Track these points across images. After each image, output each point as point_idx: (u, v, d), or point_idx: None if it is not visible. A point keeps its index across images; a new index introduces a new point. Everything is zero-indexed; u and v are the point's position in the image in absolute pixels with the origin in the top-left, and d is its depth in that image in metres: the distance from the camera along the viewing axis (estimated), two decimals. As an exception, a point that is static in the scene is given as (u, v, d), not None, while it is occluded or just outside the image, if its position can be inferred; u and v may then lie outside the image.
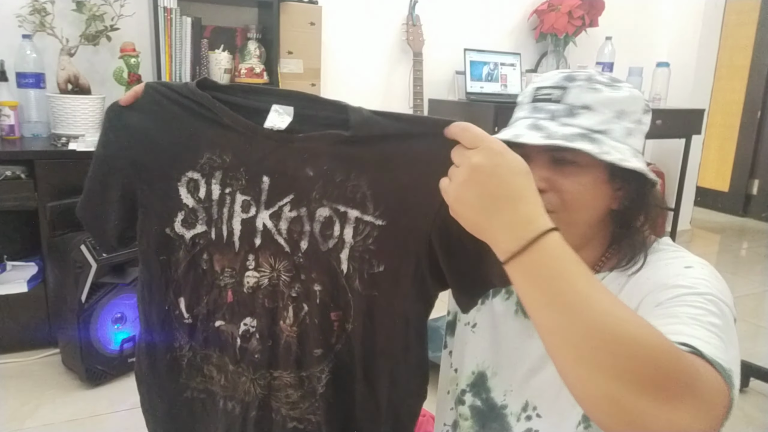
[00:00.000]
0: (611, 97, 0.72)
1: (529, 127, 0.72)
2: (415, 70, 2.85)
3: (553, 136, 0.70)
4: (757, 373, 2.01)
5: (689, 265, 0.70)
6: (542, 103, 0.74)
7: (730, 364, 0.55)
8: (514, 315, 0.84)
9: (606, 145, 0.70)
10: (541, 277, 0.52)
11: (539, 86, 0.76)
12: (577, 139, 0.69)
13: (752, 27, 4.54)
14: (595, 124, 0.71)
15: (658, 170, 3.79)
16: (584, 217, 0.74)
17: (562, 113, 0.72)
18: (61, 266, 1.82)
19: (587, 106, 0.72)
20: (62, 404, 1.75)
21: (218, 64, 2.41)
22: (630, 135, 0.73)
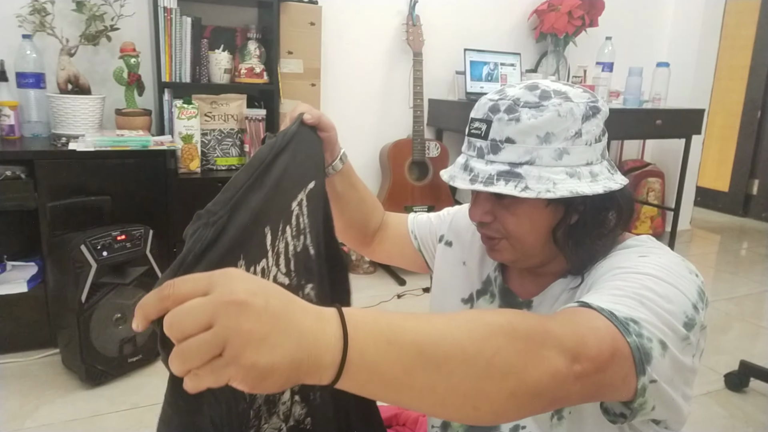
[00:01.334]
0: (532, 125, 0.69)
1: (461, 167, 0.75)
2: (415, 70, 2.85)
3: (476, 179, 0.71)
4: (757, 373, 2.01)
5: (644, 254, 0.70)
6: (473, 138, 0.74)
7: (633, 314, 0.57)
8: None
9: (530, 177, 0.69)
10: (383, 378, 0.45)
11: (473, 116, 0.75)
12: (500, 179, 0.70)
13: (752, 27, 4.54)
14: (519, 156, 0.70)
15: (658, 170, 3.79)
16: (531, 240, 0.75)
17: (486, 150, 0.72)
18: (61, 266, 1.82)
19: (509, 138, 0.70)
20: (62, 404, 1.75)
21: (218, 64, 2.41)
22: (564, 154, 0.70)
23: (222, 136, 2.41)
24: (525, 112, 0.70)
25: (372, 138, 3.05)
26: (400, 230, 1.03)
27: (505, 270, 0.88)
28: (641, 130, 3.13)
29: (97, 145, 1.98)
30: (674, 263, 0.68)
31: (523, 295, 0.84)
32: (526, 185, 0.69)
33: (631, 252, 0.72)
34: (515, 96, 0.72)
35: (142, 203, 2.07)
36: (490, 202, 0.76)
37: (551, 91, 0.72)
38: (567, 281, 0.79)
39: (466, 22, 3.15)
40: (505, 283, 0.87)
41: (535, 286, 0.82)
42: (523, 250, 0.76)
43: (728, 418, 1.85)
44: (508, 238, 0.76)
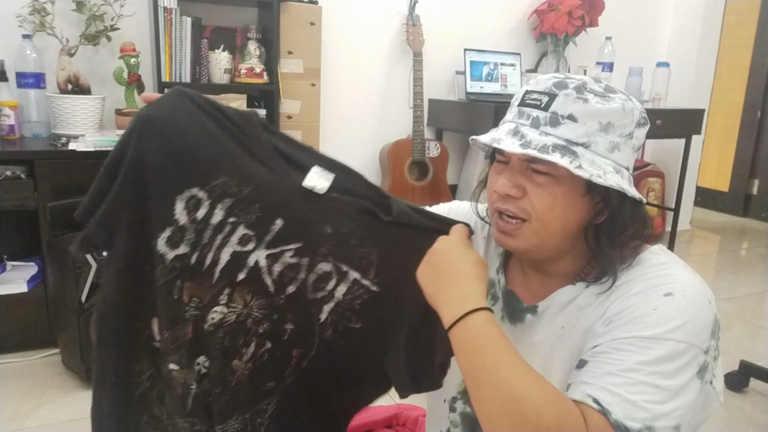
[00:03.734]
0: (599, 109, 0.70)
1: (510, 133, 0.71)
2: (415, 70, 2.85)
3: (529, 145, 0.69)
4: (757, 373, 2.01)
5: (669, 292, 0.67)
6: (528, 108, 0.72)
7: (654, 421, 0.60)
8: (500, 321, 0.84)
9: (584, 159, 0.68)
10: (465, 348, 0.65)
11: (530, 89, 0.74)
12: (555, 151, 0.68)
13: (752, 27, 4.54)
14: (578, 135, 0.69)
15: (658, 170, 3.79)
16: (556, 227, 0.72)
17: (544, 121, 0.70)
18: (61, 266, 1.82)
19: (572, 116, 0.69)
20: (62, 404, 1.75)
21: (218, 64, 2.41)
22: (615, 149, 0.71)
23: (222, 136, 2.41)
24: (591, 96, 0.70)
25: (372, 138, 3.05)
26: None
27: (509, 272, 0.87)
28: (641, 130, 3.12)
29: (97, 145, 1.98)
30: (697, 300, 0.67)
31: (528, 299, 0.82)
32: (581, 164, 0.68)
33: (656, 281, 0.70)
34: (582, 80, 0.72)
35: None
36: (524, 176, 0.72)
37: (616, 89, 0.73)
38: (575, 290, 0.77)
39: (466, 22, 3.15)
40: (509, 285, 0.85)
41: (541, 290, 0.81)
42: (543, 239, 0.73)
43: (728, 418, 1.85)
44: (533, 220, 0.72)
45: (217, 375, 0.73)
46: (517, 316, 0.82)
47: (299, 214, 0.71)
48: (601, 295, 0.73)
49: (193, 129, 0.70)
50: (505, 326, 0.83)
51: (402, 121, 3.05)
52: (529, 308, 0.81)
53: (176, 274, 0.71)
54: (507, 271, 0.87)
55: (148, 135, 0.70)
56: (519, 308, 0.82)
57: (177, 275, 0.71)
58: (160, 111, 0.71)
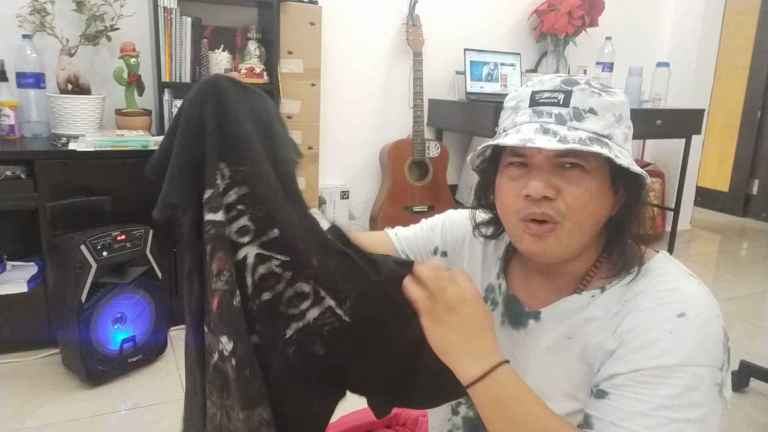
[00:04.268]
0: (612, 102, 0.71)
1: (539, 131, 0.69)
2: (415, 70, 2.85)
3: (566, 140, 0.67)
4: (757, 373, 2.01)
5: (682, 313, 0.66)
6: (545, 107, 0.71)
7: None
8: (500, 326, 0.83)
9: (615, 149, 0.69)
10: (492, 401, 0.65)
11: (538, 90, 0.73)
12: (592, 142, 0.68)
13: (752, 27, 4.54)
14: (602, 128, 0.70)
15: (658, 170, 3.79)
16: (590, 224, 0.71)
17: (569, 117, 0.70)
18: (61, 266, 1.82)
19: (593, 109, 0.70)
20: (62, 404, 1.75)
21: (218, 64, 2.41)
22: (626, 140, 0.73)
23: (222, 136, 2.41)
24: (599, 91, 0.71)
25: (372, 138, 3.05)
26: None
27: (510, 276, 0.85)
28: (641, 130, 3.12)
29: (97, 145, 1.98)
30: (709, 319, 0.67)
31: (530, 304, 0.80)
32: (616, 154, 0.68)
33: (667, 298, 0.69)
34: (584, 77, 0.73)
35: (142, 203, 2.07)
36: (555, 175, 0.70)
37: (607, 83, 0.74)
38: (581, 300, 0.75)
39: (466, 22, 3.15)
40: (510, 289, 0.83)
41: (544, 294, 0.79)
42: (575, 238, 0.71)
43: (728, 418, 1.85)
44: (566, 221, 0.70)
45: None
46: (519, 320, 0.81)
47: (296, 234, 0.71)
48: (610, 310, 0.72)
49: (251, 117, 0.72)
50: (506, 330, 0.82)
51: (402, 121, 3.05)
52: (531, 313, 0.79)
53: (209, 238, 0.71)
54: (508, 275, 0.85)
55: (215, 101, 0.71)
56: (521, 313, 0.81)
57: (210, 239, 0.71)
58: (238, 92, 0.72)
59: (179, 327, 2.27)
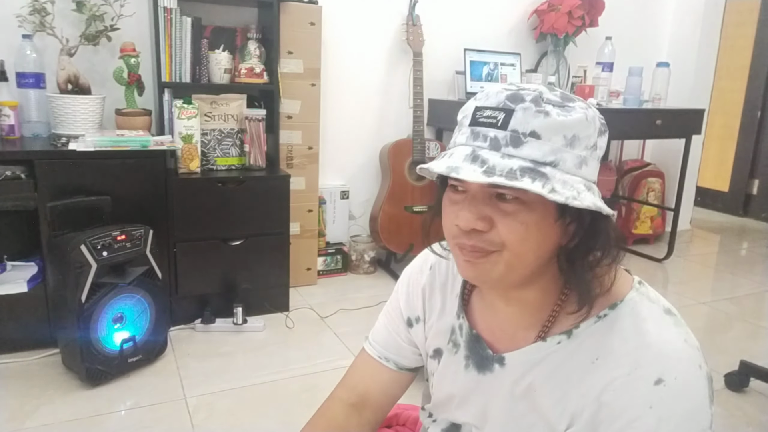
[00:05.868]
0: (562, 122, 0.61)
1: (468, 159, 0.62)
2: (415, 70, 2.85)
3: (493, 171, 0.60)
4: (757, 373, 2.01)
5: (659, 379, 0.62)
6: (483, 127, 0.63)
7: None
8: (465, 370, 0.79)
9: (554, 180, 0.60)
10: None
11: (481, 105, 0.65)
12: (524, 175, 0.59)
13: (752, 27, 4.54)
14: (544, 154, 0.61)
15: (658, 170, 3.79)
16: (530, 257, 0.64)
17: (504, 142, 0.61)
18: (61, 266, 1.82)
19: (534, 132, 0.61)
20: (62, 404, 1.75)
21: (218, 64, 2.41)
22: (583, 164, 0.63)
23: (222, 136, 2.41)
24: (551, 108, 0.62)
25: (372, 138, 3.05)
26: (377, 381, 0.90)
27: (471, 313, 0.80)
28: (641, 130, 3.13)
29: (97, 145, 1.98)
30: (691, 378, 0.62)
31: (495, 344, 0.76)
32: (554, 188, 0.59)
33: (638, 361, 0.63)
34: (537, 90, 0.63)
35: (142, 203, 2.07)
36: (488, 205, 0.63)
37: (572, 96, 0.65)
38: (547, 348, 0.70)
39: (466, 22, 3.15)
40: (473, 327, 0.78)
41: (510, 327, 0.75)
42: (513, 268, 0.65)
43: (728, 418, 1.85)
44: (504, 251, 0.64)
45: None
46: (485, 364, 0.76)
47: None
48: (580, 363, 0.67)
49: None
50: (471, 374, 0.78)
51: (402, 121, 3.05)
52: (495, 358, 0.75)
53: None
54: (468, 313, 0.80)
55: None
56: (485, 356, 0.76)
57: None
58: None
59: (179, 327, 2.27)
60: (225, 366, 2.02)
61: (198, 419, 1.71)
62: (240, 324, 2.27)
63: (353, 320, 2.45)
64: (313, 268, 2.81)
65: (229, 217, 2.28)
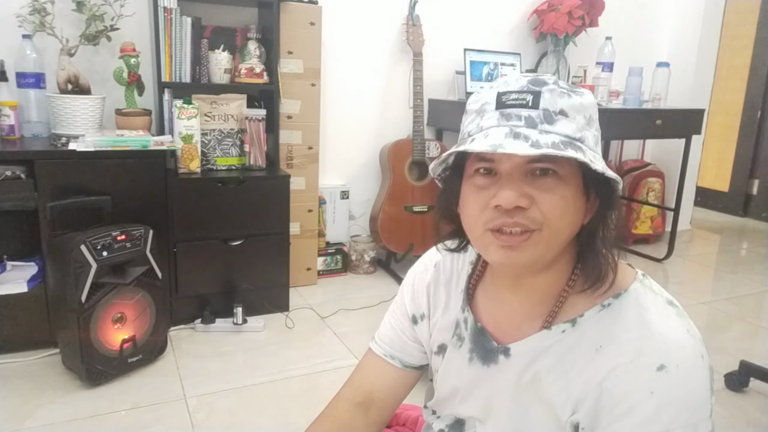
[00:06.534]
0: (582, 103, 0.66)
1: (510, 136, 0.63)
2: (415, 70, 2.85)
3: (539, 144, 0.61)
4: (757, 373, 2.01)
5: (662, 365, 0.63)
6: (514, 109, 0.65)
7: None
8: (469, 363, 0.80)
9: (588, 153, 0.64)
10: None
11: (504, 90, 0.67)
12: (567, 146, 0.62)
13: (752, 27, 4.54)
14: (574, 131, 0.64)
15: (658, 170, 3.79)
16: (566, 232, 0.67)
17: (539, 119, 0.64)
18: (61, 266, 1.82)
19: (563, 111, 0.64)
20: (62, 404, 1.75)
21: (218, 64, 2.41)
22: (598, 142, 0.68)
23: (222, 136, 2.41)
24: (568, 91, 0.66)
25: (372, 138, 3.05)
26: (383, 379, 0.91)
27: (475, 306, 0.81)
28: (641, 130, 3.13)
29: (97, 145, 1.98)
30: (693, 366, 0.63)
31: (500, 336, 0.77)
32: (591, 159, 0.62)
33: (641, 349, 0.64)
34: (551, 78, 0.67)
35: (142, 203, 2.07)
36: (527, 183, 0.65)
37: None
38: (551, 336, 0.71)
39: (466, 22, 3.15)
40: (478, 321, 0.79)
41: (516, 319, 0.75)
42: (550, 247, 0.66)
43: (728, 418, 1.85)
44: (544, 229, 0.65)
45: None
46: (489, 356, 0.77)
47: None
48: (585, 353, 0.68)
49: None
50: (476, 367, 0.79)
51: (402, 121, 3.05)
52: (500, 349, 0.76)
53: None
54: (473, 306, 0.81)
55: None
56: (490, 348, 0.77)
57: None
58: None
59: (179, 327, 2.27)
60: (225, 366, 2.02)
61: (198, 419, 1.71)
62: (240, 324, 2.27)
63: (353, 320, 2.45)
64: (313, 268, 2.81)
65: (229, 217, 2.28)
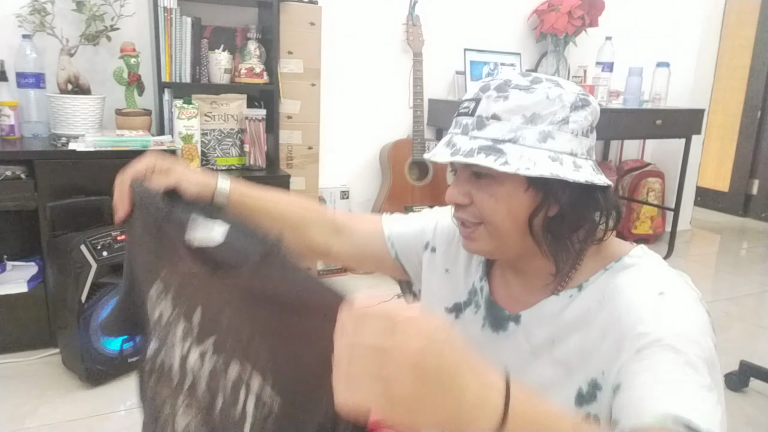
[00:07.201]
0: (519, 104, 0.70)
1: (445, 144, 0.73)
2: (415, 70, 2.85)
3: (457, 152, 0.70)
4: (757, 373, 2.01)
5: (662, 291, 0.67)
6: (461, 117, 0.74)
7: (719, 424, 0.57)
8: (481, 329, 0.83)
9: (511, 155, 0.68)
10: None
11: (464, 98, 0.75)
12: (480, 152, 0.69)
13: (752, 27, 4.54)
14: (503, 133, 0.69)
15: (658, 170, 3.79)
16: (507, 226, 0.72)
17: (472, 126, 0.71)
18: (61, 266, 1.82)
19: (495, 115, 0.70)
20: (62, 404, 1.75)
21: (218, 64, 2.41)
22: (549, 138, 0.69)
23: (222, 136, 2.41)
24: (514, 92, 0.70)
25: (372, 138, 3.05)
26: (371, 237, 0.96)
27: (491, 279, 0.85)
28: (641, 130, 3.13)
29: (97, 145, 1.98)
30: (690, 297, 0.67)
31: (511, 307, 0.80)
32: (507, 161, 0.68)
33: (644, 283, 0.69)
34: (508, 77, 0.72)
35: (142, 203, 2.07)
36: (469, 183, 0.74)
37: (544, 78, 0.73)
38: (560, 301, 0.75)
39: (466, 22, 3.15)
40: (491, 295, 0.84)
41: (524, 296, 0.79)
42: (499, 239, 0.74)
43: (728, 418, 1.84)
44: (485, 223, 0.73)
45: None
46: (500, 324, 0.81)
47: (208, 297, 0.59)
48: (590, 309, 0.72)
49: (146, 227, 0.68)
50: (487, 333, 0.82)
51: (402, 121, 3.05)
52: (511, 316, 0.79)
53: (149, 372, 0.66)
54: (490, 279, 0.85)
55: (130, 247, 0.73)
56: (501, 316, 0.81)
57: (150, 373, 0.66)
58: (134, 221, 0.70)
59: (179, 327, 2.27)
60: (225, 366, 2.02)
61: (198, 419, 1.71)
62: (240, 324, 2.27)
63: (353, 320, 2.45)
64: (312, 268, 2.81)
65: (229, 217, 2.28)
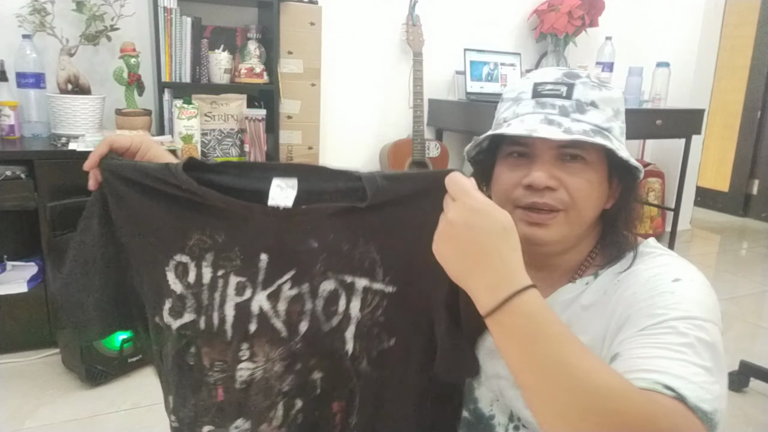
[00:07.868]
0: (611, 96, 0.73)
1: (544, 122, 0.70)
2: (415, 70, 2.85)
3: (570, 131, 0.68)
4: (757, 373, 2.01)
5: (677, 278, 0.68)
6: (549, 98, 0.72)
7: (715, 403, 0.55)
8: None
9: (614, 142, 0.71)
10: (515, 336, 0.54)
11: (540, 81, 0.74)
12: (597, 134, 0.69)
13: (752, 27, 4.54)
14: (602, 121, 0.71)
15: (658, 170, 3.79)
16: (589, 214, 0.73)
17: (571, 109, 0.71)
18: (61, 266, 1.82)
19: (594, 102, 0.72)
20: (62, 404, 1.75)
21: (218, 64, 2.41)
22: (622, 134, 0.75)
23: (222, 136, 2.41)
24: (599, 85, 0.73)
25: (372, 138, 3.05)
26: None
27: None
28: (641, 130, 3.12)
29: (97, 145, 1.98)
30: (703, 283, 0.68)
31: None
32: (617, 147, 0.69)
33: (660, 270, 0.70)
34: (583, 72, 0.75)
35: (142, 203, 2.07)
36: (556, 166, 0.71)
37: None
38: (576, 288, 0.76)
39: (466, 22, 3.15)
40: None
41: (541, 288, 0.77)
42: (574, 227, 0.73)
43: (728, 418, 1.84)
44: (570, 209, 0.71)
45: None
46: None
47: (278, 240, 0.63)
48: (606, 292, 0.72)
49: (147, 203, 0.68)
50: None
51: (402, 121, 3.05)
52: None
53: (187, 342, 0.68)
54: None
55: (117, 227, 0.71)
56: None
57: (189, 342, 0.68)
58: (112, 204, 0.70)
59: (179, 327, 2.27)
60: (225, 366, 2.02)
61: (198, 419, 1.71)
62: (240, 324, 2.27)
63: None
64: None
65: (229, 217, 2.28)
